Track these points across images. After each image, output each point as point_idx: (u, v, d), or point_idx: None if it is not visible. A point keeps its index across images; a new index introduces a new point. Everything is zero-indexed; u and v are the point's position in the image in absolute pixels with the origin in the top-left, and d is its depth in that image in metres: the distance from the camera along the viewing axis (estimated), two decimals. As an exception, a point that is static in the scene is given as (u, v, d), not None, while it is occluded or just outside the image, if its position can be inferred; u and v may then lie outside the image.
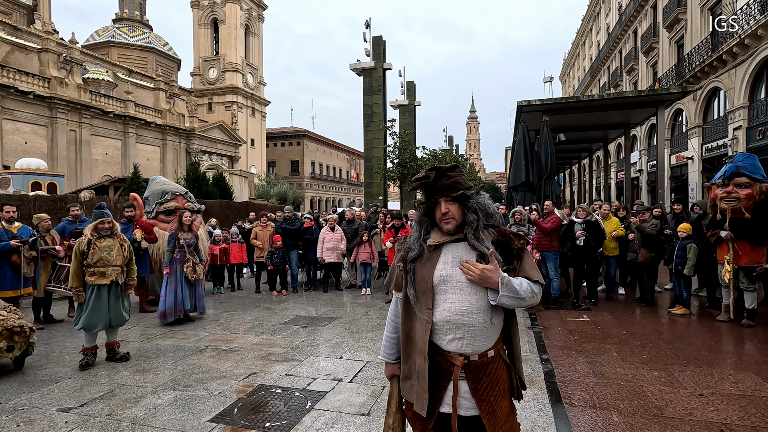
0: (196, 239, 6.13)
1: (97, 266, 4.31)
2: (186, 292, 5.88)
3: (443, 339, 1.59)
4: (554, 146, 11.01)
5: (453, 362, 1.59)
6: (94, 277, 4.30)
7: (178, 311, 5.78)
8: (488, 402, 1.58)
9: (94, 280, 4.30)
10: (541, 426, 2.97)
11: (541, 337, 5.06)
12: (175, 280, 5.83)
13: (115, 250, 4.41)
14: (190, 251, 5.96)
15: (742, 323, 5.33)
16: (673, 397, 3.40)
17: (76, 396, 3.55)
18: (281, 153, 56.16)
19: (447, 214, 1.61)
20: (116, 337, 4.51)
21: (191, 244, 6.01)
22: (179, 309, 5.78)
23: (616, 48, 29.97)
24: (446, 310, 1.58)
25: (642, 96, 11.30)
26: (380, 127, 19.86)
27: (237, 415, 3.18)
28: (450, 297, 1.58)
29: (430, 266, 1.62)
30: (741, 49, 14.62)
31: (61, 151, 26.25)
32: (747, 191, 5.08)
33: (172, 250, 5.91)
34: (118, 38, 41.80)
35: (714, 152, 17.06)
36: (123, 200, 9.63)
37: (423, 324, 1.60)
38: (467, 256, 1.60)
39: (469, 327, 1.57)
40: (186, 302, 5.87)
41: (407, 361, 1.68)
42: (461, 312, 1.56)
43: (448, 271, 1.60)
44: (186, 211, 6.34)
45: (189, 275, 5.89)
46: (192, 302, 5.97)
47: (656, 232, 6.37)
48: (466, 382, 1.59)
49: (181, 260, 5.91)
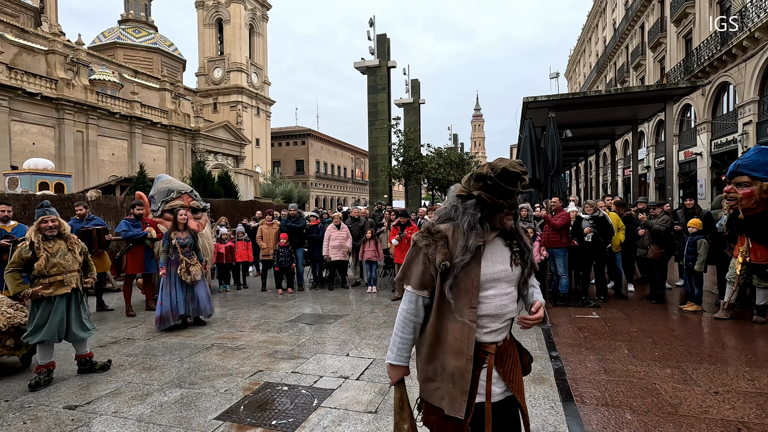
0: (193, 238, 5.70)
1: (52, 275, 3.76)
2: (180, 295, 5.45)
3: (479, 332, 1.59)
4: (561, 143, 10.89)
5: (487, 351, 1.60)
6: (51, 288, 3.75)
7: (173, 316, 5.40)
8: (516, 381, 1.63)
9: (52, 291, 3.76)
10: (552, 424, 2.92)
11: (550, 334, 4.99)
12: (169, 282, 5.45)
13: (69, 253, 3.89)
14: (184, 252, 5.52)
15: (753, 320, 5.23)
16: (688, 394, 3.32)
17: (83, 394, 3.54)
18: (286, 152, 56.25)
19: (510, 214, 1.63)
20: (87, 347, 4.05)
21: (185, 244, 5.57)
22: (174, 314, 5.40)
23: (622, 44, 29.67)
24: (489, 305, 1.59)
25: (650, 91, 11.12)
26: (385, 125, 19.78)
27: (243, 412, 3.16)
28: (491, 292, 1.59)
29: (475, 264, 1.57)
30: (751, 43, 14.39)
31: (68, 151, 26.45)
32: (746, 190, 4.92)
33: (166, 251, 5.52)
34: (124, 39, 42.04)
35: (723, 148, 16.82)
36: (129, 199, 9.67)
37: (463, 323, 1.56)
38: (503, 250, 1.65)
39: (506, 318, 1.62)
40: (180, 306, 5.43)
41: (431, 362, 1.62)
42: (502, 306, 1.60)
43: (490, 267, 1.60)
44: (182, 209, 5.82)
45: (183, 277, 5.45)
46: (188, 306, 5.51)
47: (666, 228, 6.26)
48: (495, 367, 1.60)
49: (175, 261, 5.51)
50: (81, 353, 4.02)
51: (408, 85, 28.83)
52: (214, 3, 44.84)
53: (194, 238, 5.74)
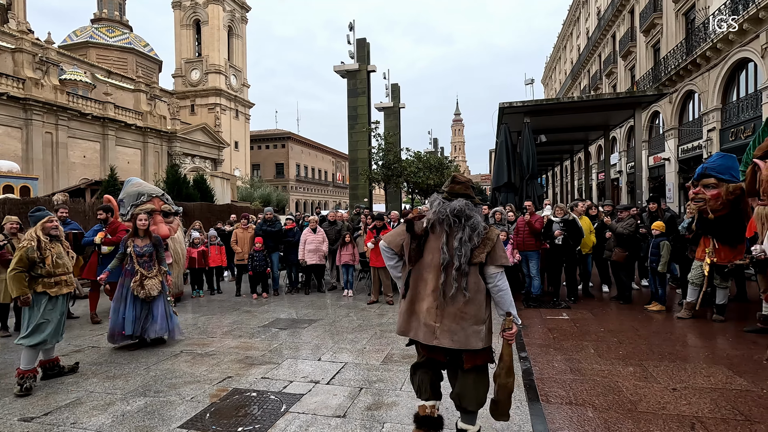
0: (154, 247, 5.00)
1: (58, 275, 3.88)
2: (129, 313, 4.71)
3: None
4: (536, 147, 11.13)
5: None
6: (56, 287, 3.87)
7: (117, 335, 4.74)
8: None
9: (57, 290, 3.87)
10: (517, 423, 2.97)
11: (521, 335, 5.08)
12: (120, 296, 4.81)
13: (65, 255, 4.03)
14: (140, 262, 4.83)
15: (713, 318, 5.45)
16: (647, 392, 3.43)
17: (41, 405, 3.41)
18: (266, 155, 55.63)
19: None
20: (54, 351, 4.02)
21: (143, 254, 4.87)
22: (118, 333, 4.73)
23: (595, 52, 30.59)
24: None
25: (619, 98, 11.52)
26: (365, 129, 19.80)
27: (209, 420, 3.10)
28: None
29: None
30: (714, 53, 15.07)
31: (36, 153, 25.51)
32: (713, 192, 5.19)
33: (121, 259, 4.88)
34: (97, 39, 40.92)
35: (690, 153, 17.51)
36: (99, 203, 9.39)
37: None
38: None
39: None
40: (127, 325, 4.68)
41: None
42: None
43: None
44: (141, 214, 5.09)
45: (135, 291, 4.74)
46: (138, 326, 4.74)
47: (629, 231, 6.47)
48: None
49: (131, 272, 4.81)
50: (48, 358, 3.95)
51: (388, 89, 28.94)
52: (192, 3, 44.14)
53: (156, 246, 5.03)
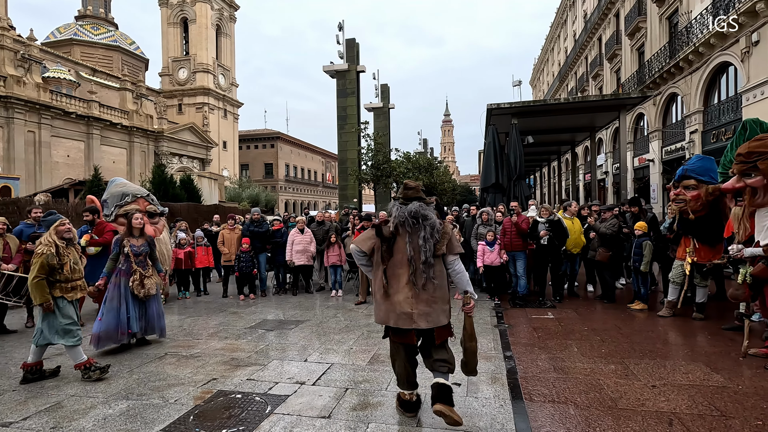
0: (149, 246, 5.09)
1: (74, 280, 4.02)
2: (134, 311, 4.79)
3: None
4: (523, 148, 11.25)
5: None
6: (73, 292, 4.01)
7: (121, 335, 4.73)
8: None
9: (73, 295, 4.02)
10: (500, 422, 3.00)
11: (506, 334, 5.14)
12: (119, 295, 4.78)
13: (79, 260, 4.18)
14: (137, 261, 4.89)
15: (693, 316, 5.58)
16: (628, 389, 3.50)
17: (19, 409, 3.34)
18: (255, 155, 55.21)
19: None
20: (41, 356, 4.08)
21: (140, 253, 4.94)
22: (122, 332, 4.73)
23: (582, 54, 31.00)
24: None
25: (604, 100, 11.71)
26: (354, 130, 19.78)
27: (192, 422, 3.08)
28: None
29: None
30: (696, 57, 15.38)
31: (18, 153, 24.95)
32: (693, 193, 5.32)
33: (115, 259, 4.86)
34: (82, 36, 40.18)
35: (673, 155, 17.85)
36: (82, 204, 9.23)
37: None
38: None
39: None
40: (134, 324, 4.78)
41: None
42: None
43: None
44: (137, 213, 5.24)
45: (135, 290, 4.83)
46: (143, 323, 4.90)
47: (612, 232, 6.58)
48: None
49: (126, 272, 4.84)
50: (34, 361, 3.93)
51: (378, 90, 28.95)
52: (179, 2, 43.61)
53: (151, 246, 5.13)
